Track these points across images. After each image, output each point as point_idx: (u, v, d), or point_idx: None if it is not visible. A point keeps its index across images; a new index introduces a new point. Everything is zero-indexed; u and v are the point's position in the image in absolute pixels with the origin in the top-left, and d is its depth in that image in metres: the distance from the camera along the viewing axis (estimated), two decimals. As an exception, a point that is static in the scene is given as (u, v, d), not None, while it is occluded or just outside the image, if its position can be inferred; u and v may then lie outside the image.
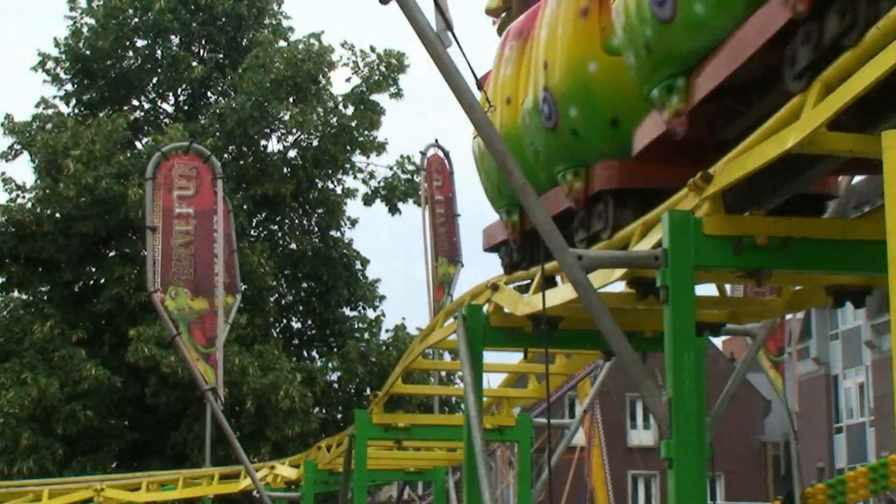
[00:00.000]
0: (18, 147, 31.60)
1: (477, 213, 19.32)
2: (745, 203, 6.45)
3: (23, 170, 29.53)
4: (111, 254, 30.47)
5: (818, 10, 5.15)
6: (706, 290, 8.47)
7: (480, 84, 7.60)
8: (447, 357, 14.03)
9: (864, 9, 4.88)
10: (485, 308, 9.46)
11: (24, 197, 30.92)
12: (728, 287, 9.13)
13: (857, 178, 9.16)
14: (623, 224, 7.28)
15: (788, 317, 17.70)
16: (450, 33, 6.77)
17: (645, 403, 6.74)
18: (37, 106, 32.33)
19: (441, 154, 21.10)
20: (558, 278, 8.43)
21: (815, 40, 5.28)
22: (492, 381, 13.96)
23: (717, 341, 50.06)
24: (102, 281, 30.27)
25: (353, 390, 30.46)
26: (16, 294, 31.61)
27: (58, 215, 29.91)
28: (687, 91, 6.33)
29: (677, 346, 6.00)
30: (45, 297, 30.85)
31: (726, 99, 6.33)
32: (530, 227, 8.45)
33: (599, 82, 7.38)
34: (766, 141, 5.63)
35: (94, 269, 30.79)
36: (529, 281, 8.93)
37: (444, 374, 19.84)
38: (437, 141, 20.96)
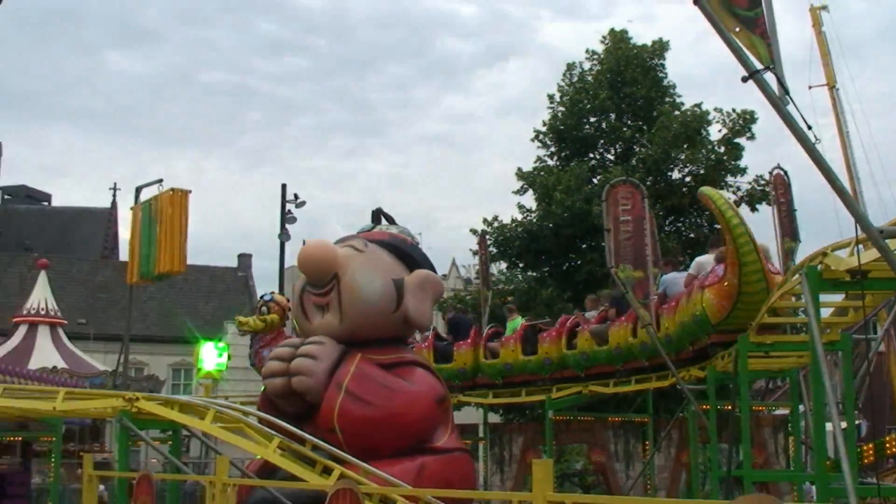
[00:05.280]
0: (526, 186, 32.78)
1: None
2: None
3: (529, 200, 30.41)
4: (584, 246, 31.12)
5: None
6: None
7: (815, 135, 7.52)
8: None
9: None
10: (818, 267, 9.55)
11: (531, 216, 32.14)
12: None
13: None
14: None
15: None
16: (788, 97, 6.54)
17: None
18: (535, 162, 33.59)
19: (781, 172, 20.65)
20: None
21: None
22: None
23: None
24: (579, 262, 30.97)
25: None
26: (530, 273, 32.78)
27: (551, 225, 30.84)
28: None
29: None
30: (547, 274, 31.87)
31: None
32: None
33: None
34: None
35: (574, 256, 31.53)
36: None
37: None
38: (779, 164, 20.50)
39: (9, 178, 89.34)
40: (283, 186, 32.91)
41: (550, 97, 34.14)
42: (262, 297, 18.87)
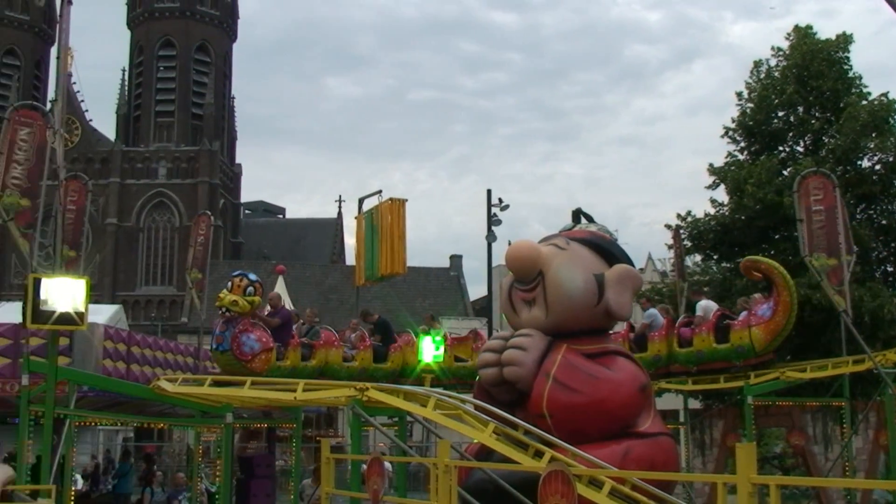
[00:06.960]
0: (717, 181, 32.06)
1: None
2: None
3: (720, 194, 29.76)
4: (776, 237, 30.20)
5: None
6: None
7: None
8: None
9: None
10: None
11: (723, 209, 31.41)
12: None
13: None
14: None
15: None
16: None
17: None
18: (726, 157, 32.74)
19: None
20: None
21: None
22: None
23: None
24: (772, 253, 29.84)
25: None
26: (724, 264, 31.95)
27: (742, 217, 30.10)
28: None
29: None
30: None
31: None
32: None
33: None
34: None
35: (766, 246, 30.51)
36: None
37: None
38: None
39: (248, 195, 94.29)
40: (489, 192, 33.30)
41: (739, 94, 33.35)
42: (241, 274, 16.06)
